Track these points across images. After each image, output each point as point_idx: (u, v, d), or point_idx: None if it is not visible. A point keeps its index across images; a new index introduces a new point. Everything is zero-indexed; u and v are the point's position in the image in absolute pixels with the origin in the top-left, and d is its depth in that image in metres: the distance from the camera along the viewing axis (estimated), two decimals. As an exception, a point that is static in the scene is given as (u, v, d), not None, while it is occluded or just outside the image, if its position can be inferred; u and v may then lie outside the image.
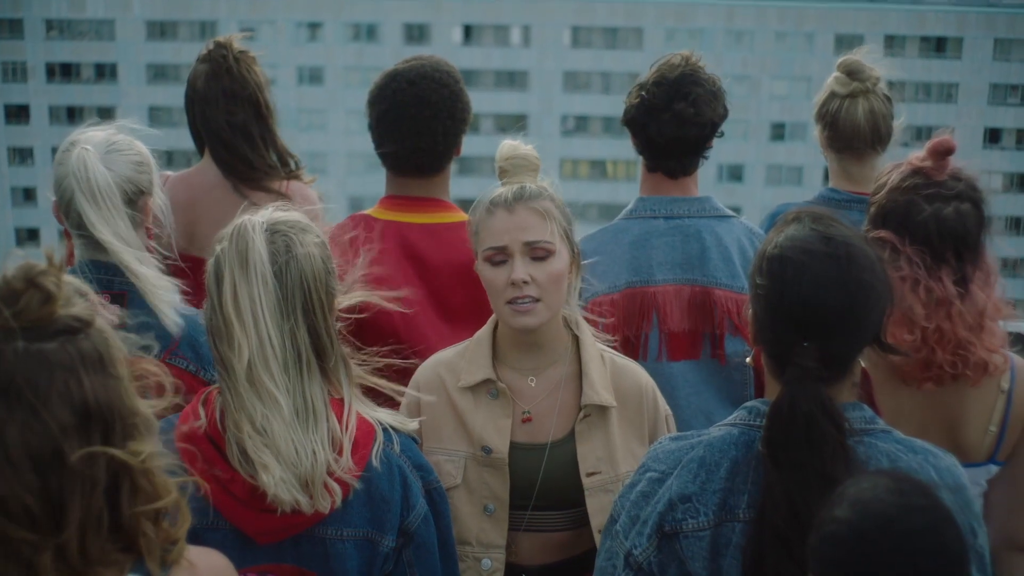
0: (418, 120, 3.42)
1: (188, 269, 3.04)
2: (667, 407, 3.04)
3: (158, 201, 3.05)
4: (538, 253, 2.78)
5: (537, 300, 2.78)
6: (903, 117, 4.00)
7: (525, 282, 2.76)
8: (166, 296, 2.86)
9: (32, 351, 1.69)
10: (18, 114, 63.67)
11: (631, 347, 3.40)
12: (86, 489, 1.72)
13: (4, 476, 1.67)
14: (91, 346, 1.75)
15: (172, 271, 3.02)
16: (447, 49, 61.44)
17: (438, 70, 3.47)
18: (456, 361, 2.96)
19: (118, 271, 2.90)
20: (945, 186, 2.79)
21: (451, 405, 2.91)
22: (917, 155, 2.85)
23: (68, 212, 2.90)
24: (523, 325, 2.82)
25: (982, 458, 2.87)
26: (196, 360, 2.91)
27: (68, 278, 1.79)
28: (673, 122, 3.45)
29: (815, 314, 2.15)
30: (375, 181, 3.54)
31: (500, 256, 2.80)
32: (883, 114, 3.90)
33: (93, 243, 2.88)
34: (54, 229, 59.97)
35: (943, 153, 2.80)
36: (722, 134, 3.60)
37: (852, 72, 3.86)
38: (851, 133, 3.91)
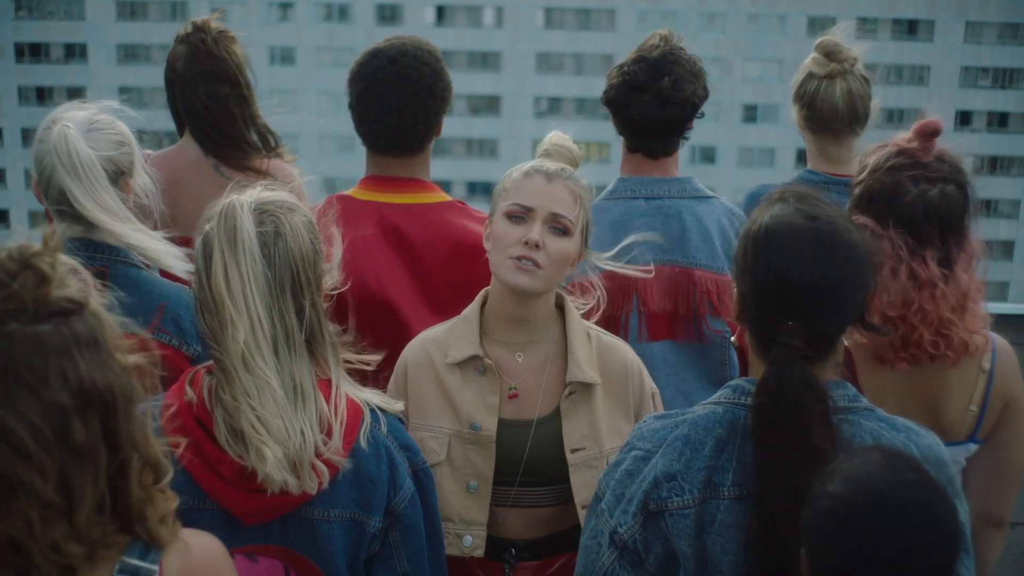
0: (399, 97, 3.40)
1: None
2: (653, 385, 3.05)
3: (141, 181, 3.04)
4: (558, 227, 2.83)
5: (541, 268, 2.81)
6: (878, 98, 4.00)
7: (537, 245, 2.79)
8: (168, 253, 2.85)
9: (27, 333, 1.69)
10: (-13, 95, 63.10)
11: (612, 327, 3.39)
12: (89, 471, 1.72)
13: (17, 459, 1.66)
14: (85, 328, 1.75)
15: None
16: (420, 29, 61.14)
17: (420, 48, 3.45)
18: (444, 338, 2.98)
19: (99, 247, 2.89)
20: (931, 168, 2.80)
21: (438, 382, 2.92)
22: (903, 136, 2.86)
23: (48, 188, 2.88)
24: (519, 283, 2.83)
25: (962, 437, 2.90)
26: (179, 335, 2.91)
27: (63, 258, 1.78)
28: (655, 102, 3.46)
29: (800, 293, 2.16)
30: (347, 162, 3.55)
31: (522, 215, 2.83)
32: (861, 95, 3.89)
33: (74, 219, 2.87)
34: (24, 210, 59.58)
35: (930, 134, 2.81)
36: (702, 115, 3.61)
37: (830, 53, 3.86)
38: (829, 114, 3.91)
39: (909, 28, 64.44)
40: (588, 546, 2.38)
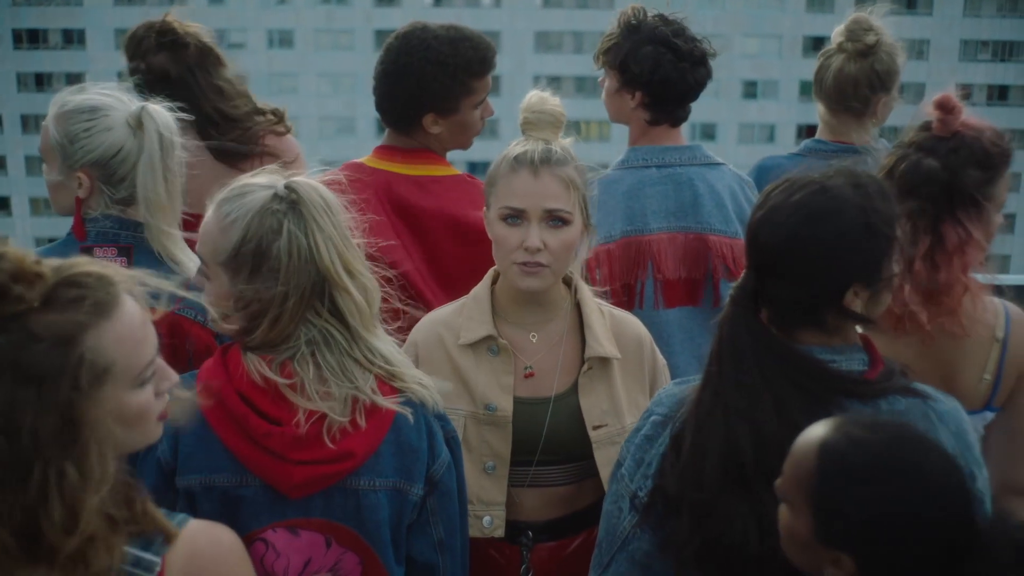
0: (387, 75, 3.53)
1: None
2: (662, 357, 3.04)
3: None
4: (555, 220, 2.75)
5: (546, 265, 2.77)
6: (891, 92, 3.98)
7: (539, 249, 2.74)
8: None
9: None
10: (-15, 82, 62.96)
11: (627, 295, 3.41)
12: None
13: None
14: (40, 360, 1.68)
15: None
16: (418, 11, 60.99)
17: (433, 35, 3.51)
18: (454, 319, 2.92)
19: (125, 224, 2.89)
20: (929, 142, 2.77)
21: (451, 363, 2.87)
22: (927, 109, 2.83)
23: (115, 172, 2.87)
24: (529, 287, 2.80)
25: (978, 405, 2.88)
26: (203, 311, 2.91)
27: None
28: (696, 68, 3.58)
29: (753, 241, 2.20)
30: (347, 144, 3.56)
31: (516, 216, 2.77)
32: (854, 79, 3.90)
33: (115, 200, 2.89)
34: (25, 197, 59.31)
35: (945, 109, 2.78)
36: None
37: (848, 29, 3.92)
38: (819, 86, 4.00)
39: (908, 2, 64.19)
40: (609, 511, 2.38)
